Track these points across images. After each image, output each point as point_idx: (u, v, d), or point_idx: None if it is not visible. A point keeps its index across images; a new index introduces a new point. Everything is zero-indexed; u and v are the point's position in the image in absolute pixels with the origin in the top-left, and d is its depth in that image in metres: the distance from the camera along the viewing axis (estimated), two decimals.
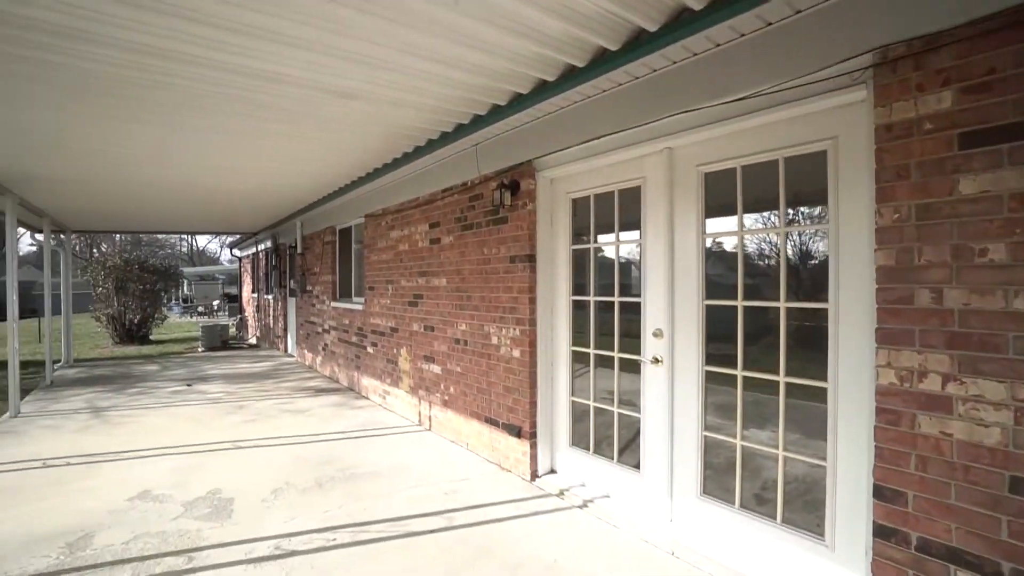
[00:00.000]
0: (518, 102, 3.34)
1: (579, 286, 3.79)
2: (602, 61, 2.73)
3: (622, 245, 3.49)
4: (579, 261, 3.79)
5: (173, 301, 27.28)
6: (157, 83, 3.00)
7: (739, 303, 2.75)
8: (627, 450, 3.43)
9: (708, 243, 2.94)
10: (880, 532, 2.04)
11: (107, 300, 12.85)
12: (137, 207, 8.10)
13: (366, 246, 6.68)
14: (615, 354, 3.45)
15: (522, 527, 3.14)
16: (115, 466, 4.22)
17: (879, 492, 2.04)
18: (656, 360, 3.10)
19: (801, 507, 2.59)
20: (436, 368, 5.06)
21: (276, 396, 6.82)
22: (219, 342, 12.08)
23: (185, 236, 41.83)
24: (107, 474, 4.04)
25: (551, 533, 3.06)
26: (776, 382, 2.58)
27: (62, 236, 9.87)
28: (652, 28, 2.44)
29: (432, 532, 3.08)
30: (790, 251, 2.67)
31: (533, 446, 3.87)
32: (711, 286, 2.91)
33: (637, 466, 3.28)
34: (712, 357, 2.89)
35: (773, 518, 2.60)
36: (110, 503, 3.50)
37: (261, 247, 12.90)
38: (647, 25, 2.42)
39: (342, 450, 4.58)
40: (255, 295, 14.05)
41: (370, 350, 6.56)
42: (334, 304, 7.89)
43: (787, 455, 2.57)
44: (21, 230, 7.82)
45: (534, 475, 3.85)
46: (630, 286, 3.52)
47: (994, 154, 1.76)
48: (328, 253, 8.17)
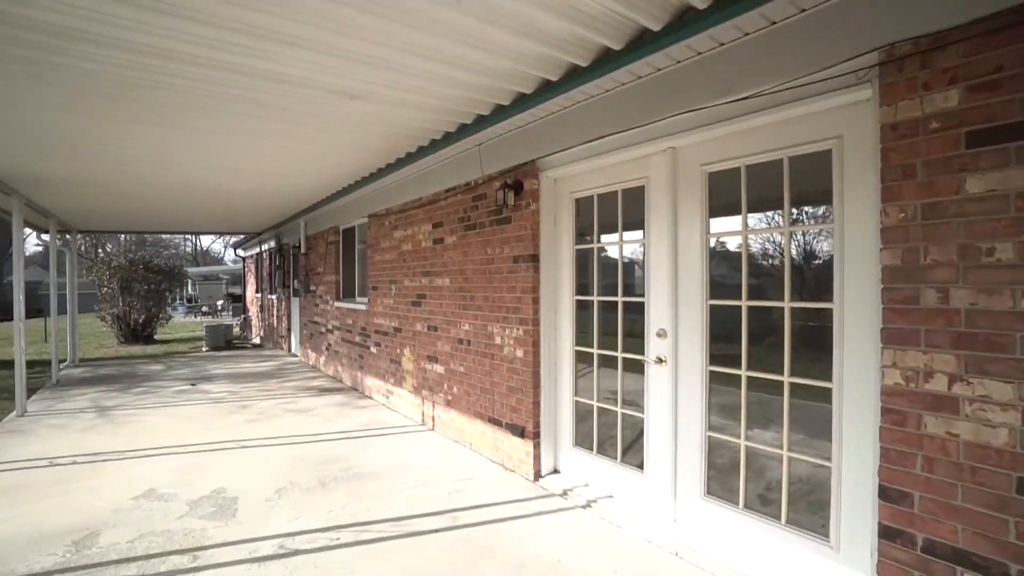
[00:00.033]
0: (521, 102, 3.33)
1: (582, 286, 3.78)
2: (606, 61, 2.73)
3: (626, 245, 3.48)
4: (582, 261, 3.78)
5: (177, 301, 27.38)
6: (157, 83, 3.00)
7: (743, 303, 2.74)
8: (631, 450, 3.42)
9: (712, 243, 2.93)
10: (885, 533, 2.03)
11: (112, 300, 12.91)
12: (141, 207, 8.13)
13: (369, 246, 6.69)
14: (618, 354, 3.45)
15: (525, 527, 3.14)
16: (120, 465, 4.24)
17: (884, 493, 2.03)
18: (660, 360, 3.09)
19: (805, 508, 2.58)
20: (439, 368, 5.06)
21: (280, 396, 6.84)
22: (223, 342, 12.13)
23: (189, 236, 42.05)
24: (112, 473, 4.07)
25: (554, 533, 3.06)
26: (780, 382, 2.57)
27: (67, 236, 9.92)
28: (656, 27, 2.43)
29: (435, 532, 3.08)
30: (794, 251, 2.66)
31: (536, 446, 3.86)
32: (715, 286, 2.90)
33: (641, 466, 3.27)
34: (716, 357, 2.88)
35: (777, 519, 2.59)
36: (115, 502, 3.52)
37: (265, 247, 12.94)
38: (651, 24, 2.41)
39: (345, 450, 4.58)
40: (259, 295, 14.10)
41: (373, 350, 6.57)
42: (338, 304, 7.90)
43: (791, 455, 2.56)
44: (27, 230, 7.86)
45: (537, 475, 3.85)
46: (633, 286, 3.51)
47: (1001, 153, 1.75)
48: (332, 253, 8.19)
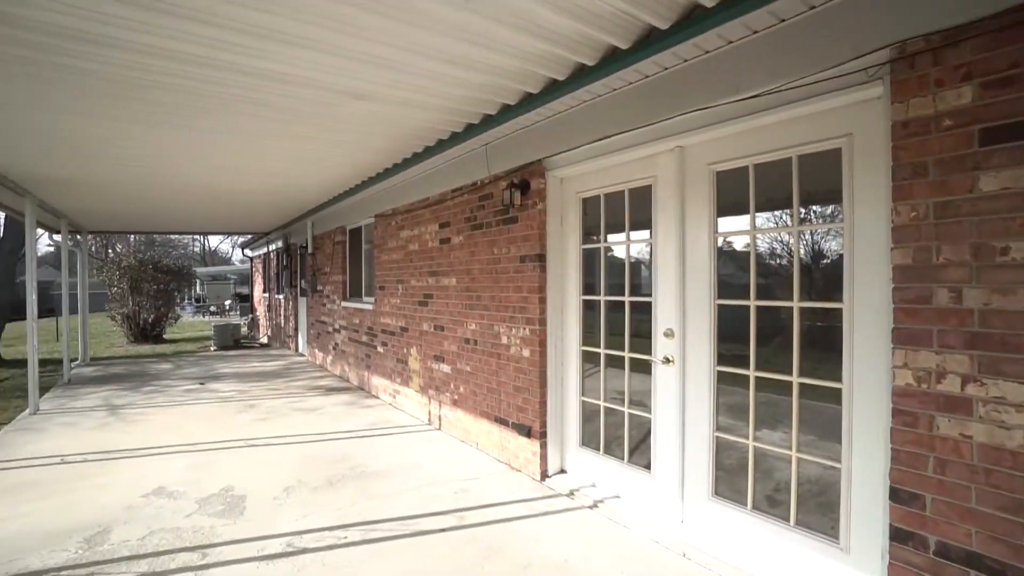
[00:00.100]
0: (528, 101, 3.33)
1: (589, 286, 3.77)
2: (613, 60, 2.72)
3: (633, 244, 3.47)
4: (589, 261, 3.77)
5: (186, 301, 27.64)
6: (157, 83, 3.01)
7: (751, 303, 2.72)
8: (637, 450, 3.41)
9: (720, 242, 2.91)
10: (897, 535, 2.01)
11: (122, 300, 13.05)
12: (144, 207, 8.21)
13: (376, 246, 6.71)
14: (625, 354, 3.44)
15: (532, 527, 3.14)
16: (130, 463, 4.28)
17: (896, 495, 2.01)
18: (667, 360, 3.08)
19: (815, 509, 2.56)
20: (446, 367, 5.07)
21: (287, 395, 6.88)
22: (231, 341, 12.22)
23: (197, 236, 42.40)
24: (123, 471, 4.11)
25: (561, 533, 3.05)
26: (789, 382, 2.55)
27: (79, 237, 10.03)
28: (664, 26, 2.42)
29: (442, 531, 3.08)
30: (803, 250, 2.64)
31: (543, 446, 3.86)
32: (723, 286, 2.88)
33: (648, 467, 3.26)
34: (724, 357, 2.87)
35: (786, 520, 2.57)
36: (126, 499, 3.55)
37: (272, 247, 13.02)
38: (658, 23, 2.40)
39: (353, 448, 4.60)
40: (266, 295, 14.19)
41: (380, 349, 6.59)
42: (344, 304, 7.93)
43: (800, 456, 2.53)
44: (40, 231, 7.96)
45: (544, 475, 3.85)
46: (640, 285, 3.50)
47: (1016, 150, 1.72)
48: (338, 253, 8.22)
